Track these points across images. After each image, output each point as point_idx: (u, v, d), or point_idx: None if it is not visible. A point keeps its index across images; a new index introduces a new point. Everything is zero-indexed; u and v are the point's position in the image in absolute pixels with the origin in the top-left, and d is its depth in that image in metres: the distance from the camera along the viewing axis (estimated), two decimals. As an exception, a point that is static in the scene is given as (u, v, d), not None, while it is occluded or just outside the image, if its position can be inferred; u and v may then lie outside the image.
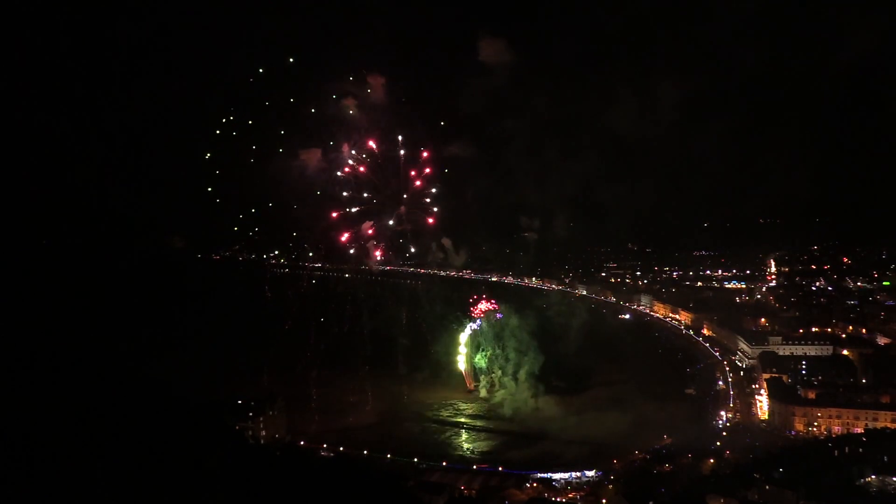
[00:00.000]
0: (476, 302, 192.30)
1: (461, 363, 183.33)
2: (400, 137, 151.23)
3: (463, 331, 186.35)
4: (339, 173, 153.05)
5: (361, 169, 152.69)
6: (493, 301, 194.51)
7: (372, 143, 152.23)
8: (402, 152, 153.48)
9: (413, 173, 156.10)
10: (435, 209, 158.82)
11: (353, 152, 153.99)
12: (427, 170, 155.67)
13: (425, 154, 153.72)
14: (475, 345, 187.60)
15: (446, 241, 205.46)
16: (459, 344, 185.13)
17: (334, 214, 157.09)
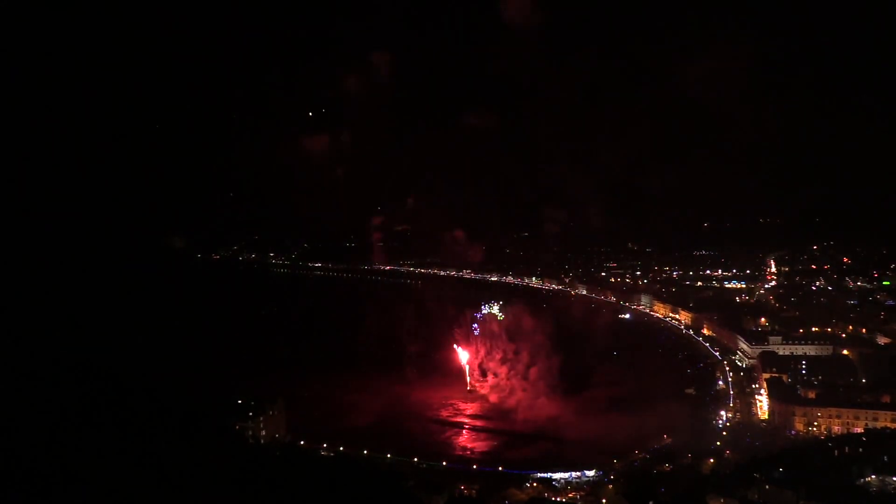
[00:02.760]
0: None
1: (461, 363, 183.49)
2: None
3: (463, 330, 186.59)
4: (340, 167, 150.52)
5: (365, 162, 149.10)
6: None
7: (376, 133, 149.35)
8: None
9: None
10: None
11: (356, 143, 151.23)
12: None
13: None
14: (473, 344, 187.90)
15: (459, 235, 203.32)
16: (460, 343, 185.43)
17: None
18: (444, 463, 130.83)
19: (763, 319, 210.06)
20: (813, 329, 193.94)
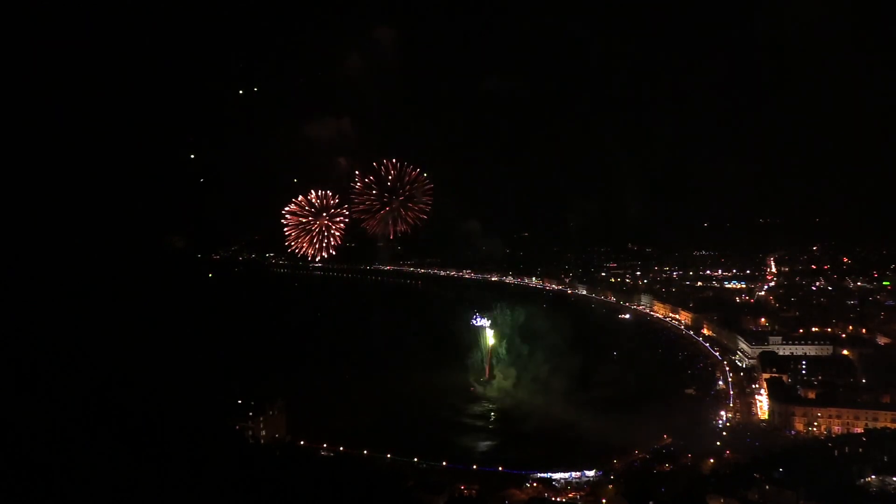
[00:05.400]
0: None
1: (462, 362, 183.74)
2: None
3: (464, 330, 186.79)
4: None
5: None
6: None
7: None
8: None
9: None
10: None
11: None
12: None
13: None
14: (474, 344, 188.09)
15: (474, 225, 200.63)
16: (460, 343, 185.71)
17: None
18: (444, 463, 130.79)
19: (763, 319, 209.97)
20: (813, 329, 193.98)
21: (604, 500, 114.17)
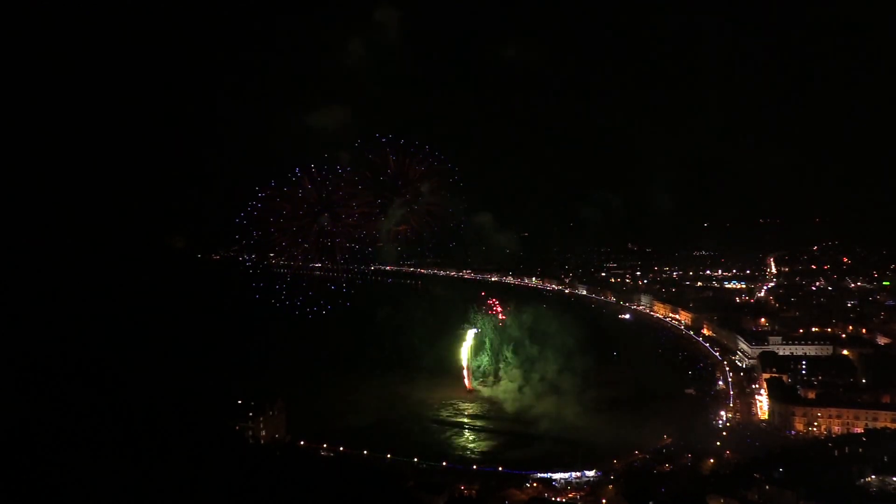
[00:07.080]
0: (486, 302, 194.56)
1: (462, 363, 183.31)
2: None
3: (465, 331, 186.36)
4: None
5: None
6: (496, 301, 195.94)
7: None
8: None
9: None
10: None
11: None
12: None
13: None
14: (477, 345, 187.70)
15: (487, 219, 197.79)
16: (461, 344, 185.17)
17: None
18: (444, 463, 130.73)
19: (763, 319, 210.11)
20: (813, 329, 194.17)
21: (604, 500, 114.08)
